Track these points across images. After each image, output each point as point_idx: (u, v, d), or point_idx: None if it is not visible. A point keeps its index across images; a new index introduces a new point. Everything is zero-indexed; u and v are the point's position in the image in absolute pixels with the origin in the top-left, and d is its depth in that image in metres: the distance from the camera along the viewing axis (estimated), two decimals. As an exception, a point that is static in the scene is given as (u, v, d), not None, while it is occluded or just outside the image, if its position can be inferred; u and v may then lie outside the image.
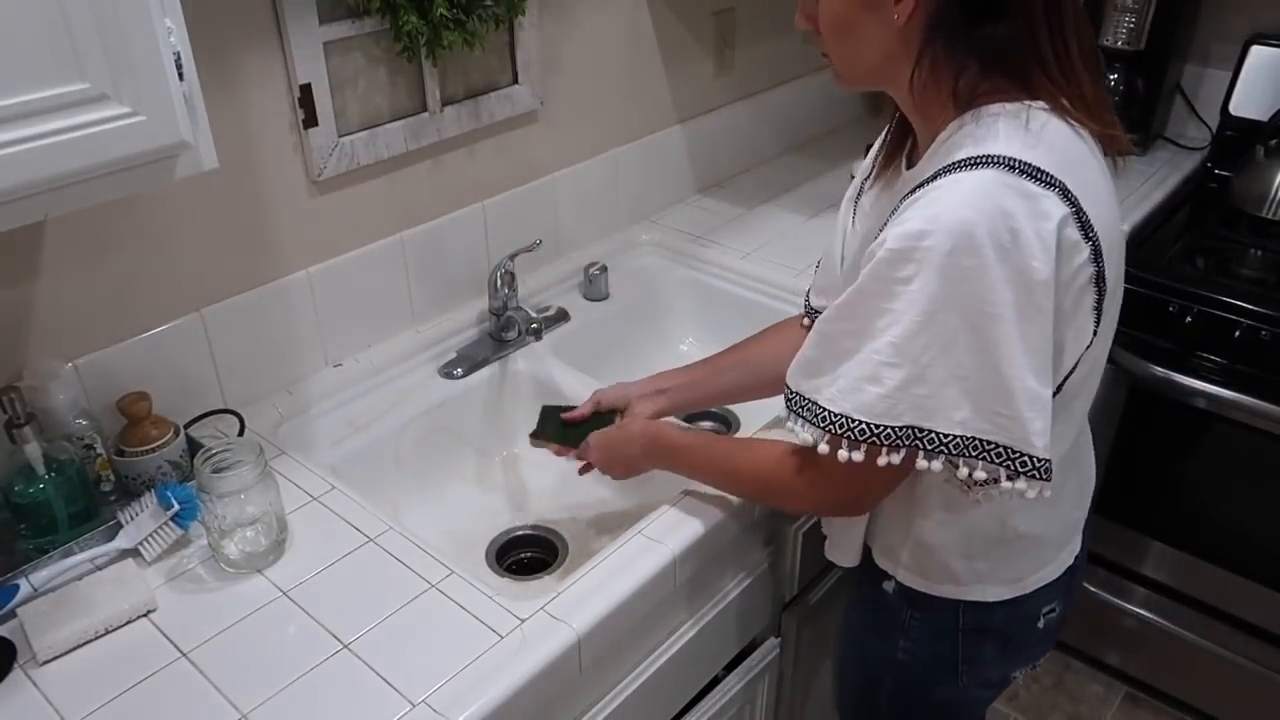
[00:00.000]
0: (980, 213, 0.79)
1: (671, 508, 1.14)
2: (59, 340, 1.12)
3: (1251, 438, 1.66)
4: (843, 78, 0.97)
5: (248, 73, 1.19)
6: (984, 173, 0.81)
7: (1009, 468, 0.86)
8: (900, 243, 0.82)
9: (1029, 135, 0.83)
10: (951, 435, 0.85)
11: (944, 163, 0.84)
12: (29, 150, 0.77)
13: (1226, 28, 1.99)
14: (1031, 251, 0.80)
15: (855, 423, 0.87)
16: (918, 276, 0.81)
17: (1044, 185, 0.81)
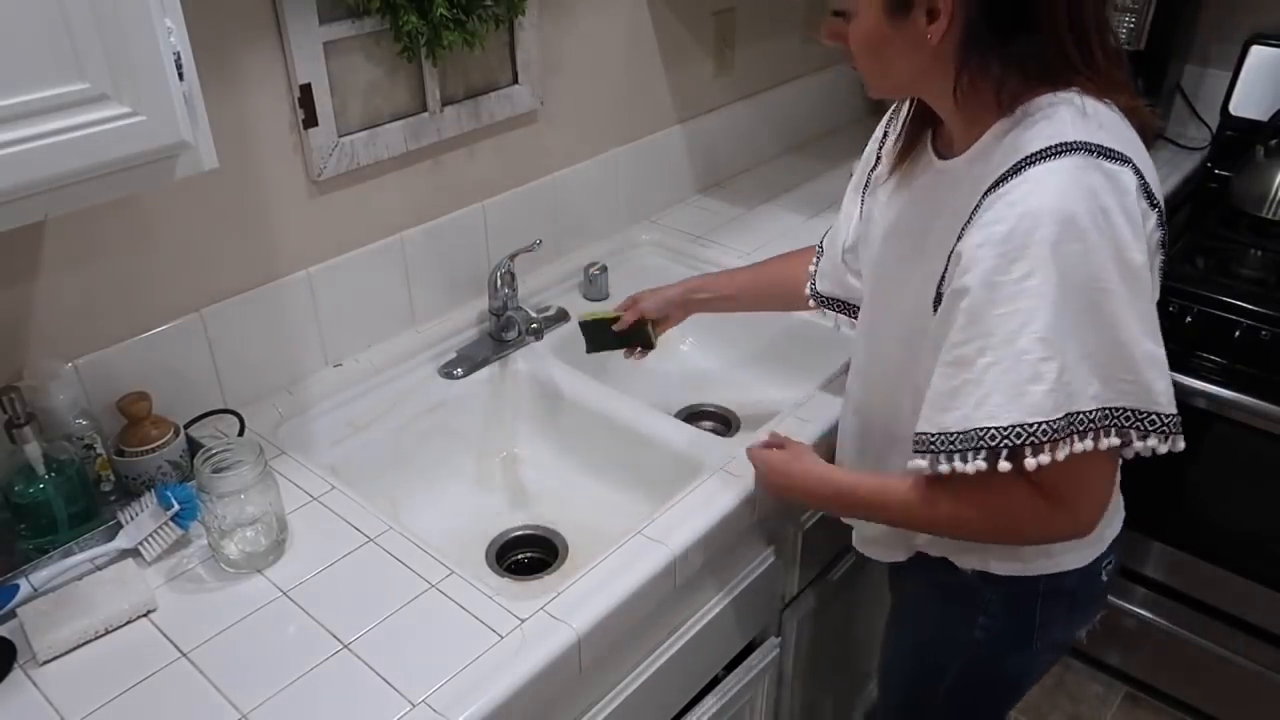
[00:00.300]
0: (1075, 198, 0.83)
1: (672, 508, 1.14)
2: (59, 340, 1.12)
3: (1251, 438, 1.66)
4: (874, 90, 1.01)
5: (248, 73, 1.19)
6: (1066, 160, 0.85)
7: (1139, 429, 0.91)
8: (1005, 245, 0.84)
9: (1089, 119, 0.87)
10: (1091, 411, 0.88)
11: (1015, 156, 0.87)
12: (29, 150, 0.77)
13: (1226, 28, 1.99)
14: (1122, 225, 0.85)
15: (1032, 427, 0.86)
16: (1036, 271, 0.83)
17: (1118, 162, 0.86)
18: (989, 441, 0.88)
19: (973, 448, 0.89)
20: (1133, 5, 1.92)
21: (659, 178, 1.85)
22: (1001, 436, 0.87)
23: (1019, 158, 0.87)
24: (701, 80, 1.87)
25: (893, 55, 0.93)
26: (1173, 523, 1.84)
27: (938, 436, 0.91)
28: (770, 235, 1.78)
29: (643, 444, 1.35)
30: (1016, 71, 0.89)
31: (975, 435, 0.88)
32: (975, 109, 0.93)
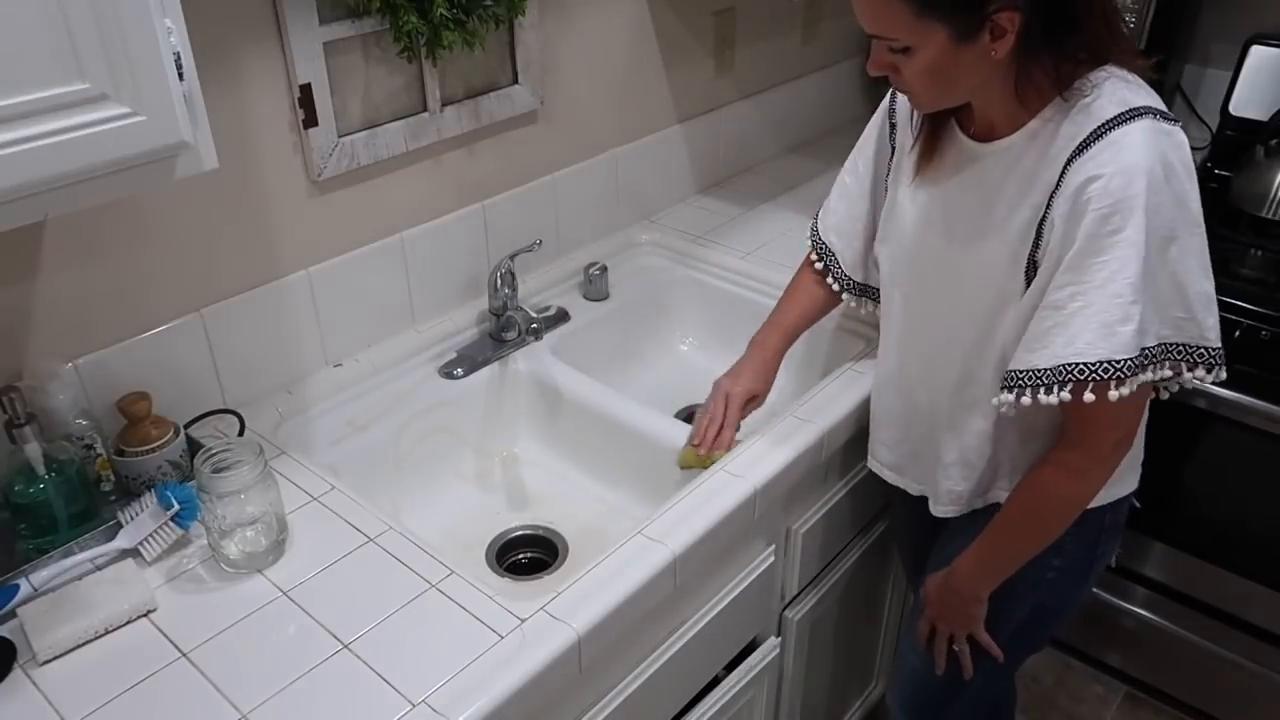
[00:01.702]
0: (1153, 156, 0.94)
1: (672, 508, 1.14)
2: (59, 340, 1.12)
3: (1251, 438, 1.66)
4: (928, 107, 1.07)
5: (248, 73, 1.19)
6: (1138, 123, 0.95)
7: (1188, 361, 1.04)
8: (1102, 201, 0.93)
9: (1137, 87, 0.98)
10: (1154, 346, 0.99)
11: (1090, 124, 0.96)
12: (29, 150, 0.77)
13: (1226, 28, 1.99)
14: (1185, 179, 0.97)
15: (1119, 363, 0.96)
16: (1129, 224, 0.93)
17: (1173, 122, 0.98)
18: (1077, 375, 0.97)
19: (1059, 381, 0.98)
20: (1133, 5, 1.92)
21: (659, 178, 1.85)
22: (1091, 371, 0.97)
23: (1094, 125, 0.95)
24: (701, 80, 1.87)
25: (957, 76, 0.98)
26: (1173, 523, 1.83)
27: (1026, 373, 1.01)
28: (770, 235, 1.78)
29: (643, 444, 1.35)
30: (1069, 61, 0.97)
31: (1064, 370, 0.98)
32: (1032, 100, 1.00)
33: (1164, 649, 1.94)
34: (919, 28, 0.93)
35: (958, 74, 0.97)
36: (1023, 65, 0.97)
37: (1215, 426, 1.69)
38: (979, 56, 0.95)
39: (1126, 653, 2.03)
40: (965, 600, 1.19)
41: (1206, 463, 1.74)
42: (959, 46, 0.94)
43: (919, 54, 0.95)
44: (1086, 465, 1.07)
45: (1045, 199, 1.00)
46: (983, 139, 1.07)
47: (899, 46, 0.96)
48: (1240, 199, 1.87)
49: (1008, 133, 1.03)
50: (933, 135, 1.11)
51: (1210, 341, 1.04)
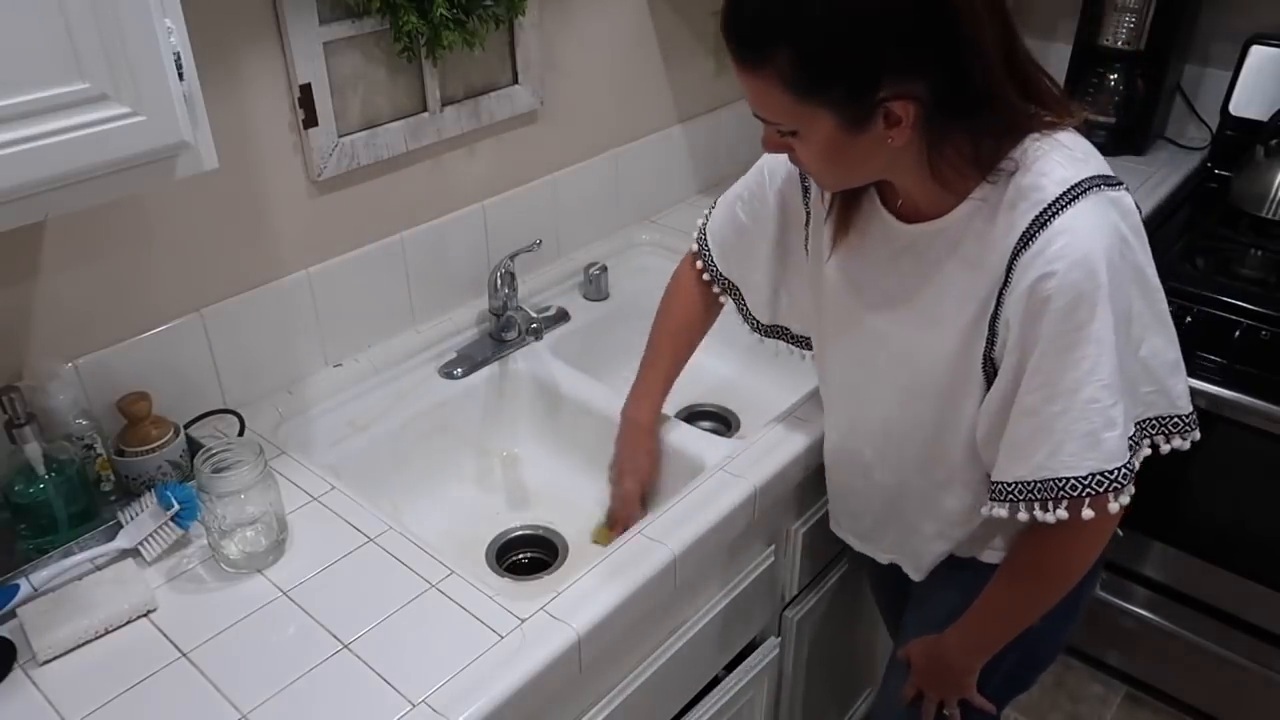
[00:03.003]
0: (1104, 238, 0.86)
1: (672, 508, 1.14)
2: (59, 340, 1.12)
3: (1251, 438, 1.66)
4: (831, 188, 1.01)
5: (248, 73, 1.19)
6: (1084, 202, 0.87)
7: (1164, 433, 1.00)
8: (1060, 299, 0.86)
9: (1073, 154, 0.90)
10: (1134, 433, 0.93)
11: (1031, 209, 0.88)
12: (29, 150, 0.77)
13: (1226, 28, 1.99)
14: (1138, 249, 0.91)
15: (1111, 473, 0.90)
16: (1094, 317, 0.86)
17: (1116, 186, 0.90)
18: (1069, 491, 0.90)
19: (1053, 497, 0.91)
20: (1133, 5, 1.92)
21: (659, 178, 1.85)
22: (1083, 486, 0.90)
23: (1037, 210, 0.87)
24: (701, 80, 1.87)
25: (854, 161, 0.90)
26: (1173, 523, 1.83)
27: (1014, 486, 0.94)
28: (770, 235, 1.78)
29: (643, 444, 1.35)
30: (986, 137, 0.89)
31: (1054, 485, 0.91)
32: (953, 180, 0.92)
33: (1164, 649, 1.94)
34: (802, 113, 0.86)
35: (854, 161, 0.90)
36: (933, 147, 0.88)
37: (1215, 426, 1.69)
38: (874, 144, 0.87)
39: (1126, 653, 2.03)
40: (957, 673, 1.13)
41: (1206, 463, 1.74)
42: (850, 134, 0.86)
43: (807, 140, 0.88)
44: (1087, 537, 0.99)
45: (994, 293, 0.91)
46: (910, 219, 0.98)
47: (785, 130, 0.90)
48: (1240, 199, 1.87)
49: (938, 210, 0.95)
50: (848, 207, 1.03)
51: (1181, 409, 1.00)
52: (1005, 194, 0.90)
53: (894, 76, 0.82)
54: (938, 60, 0.82)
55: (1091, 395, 0.87)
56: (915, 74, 0.82)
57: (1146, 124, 2.04)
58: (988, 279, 0.92)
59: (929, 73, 0.82)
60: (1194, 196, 1.98)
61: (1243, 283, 1.74)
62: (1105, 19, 1.96)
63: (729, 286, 1.26)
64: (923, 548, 1.16)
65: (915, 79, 0.82)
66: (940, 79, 0.83)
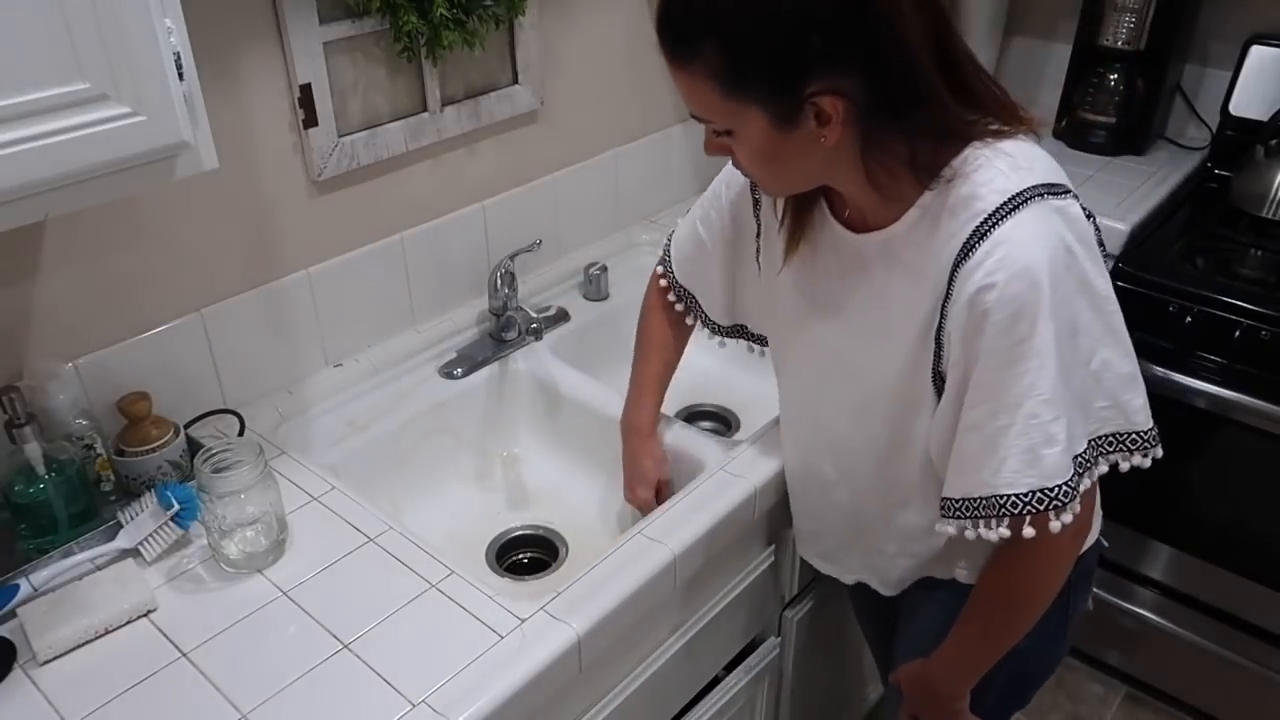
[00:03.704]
0: (1046, 248, 0.84)
1: (672, 508, 1.14)
2: (59, 340, 1.12)
3: (1251, 438, 1.66)
4: (773, 192, 0.99)
5: (248, 73, 1.19)
6: (1025, 212, 0.84)
7: (1123, 451, 0.94)
8: (999, 312, 0.84)
9: (1016, 162, 0.87)
10: (1085, 450, 0.90)
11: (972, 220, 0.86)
12: (29, 150, 0.77)
13: (1226, 28, 1.99)
14: (1085, 259, 0.87)
15: (1052, 491, 0.88)
16: (1035, 331, 0.83)
17: (1061, 195, 0.87)
18: (1010, 509, 0.89)
19: (995, 514, 0.90)
20: (1133, 5, 1.92)
21: (659, 178, 1.85)
22: (1023, 504, 0.88)
23: (978, 221, 0.85)
24: (701, 80, 1.87)
25: (789, 161, 0.89)
26: (1173, 523, 1.83)
27: (962, 502, 0.93)
28: (770, 235, 1.78)
29: (643, 444, 1.35)
30: (923, 142, 0.87)
31: (996, 502, 0.89)
32: (892, 187, 0.90)
33: (1164, 649, 1.94)
34: (732, 110, 0.85)
35: (789, 161, 0.89)
36: (868, 151, 0.87)
37: (1216, 426, 1.69)
38: (808, 143, 0.85)
39: (1126, 653, 2.03)
40: (944, 699, 1.11)
41: (1207, 463, 1.74)
42: (781, 132, 0.84)
43: (741, 138, 0.87)
44: (1054, 555, 0.97)
45: (938, 305, 0.90)
46: (858, 228, 0.97)
47: (719, 129, 0.89)
48: (1240, 199, 1.87)
49: (884, 220, 0.93)
50: (799, 218, 1.02)
51: (1139, 425, 0.94)
52: (946, 204, 0.88)
53: (821, 71, 0.81)
54: (865, 56, 0.81)
55: (1031, 411, 0.85)
56: (842, 70, 0.81)
57: (1146, 124, 2.03)
58: (931, 292, 0.90)
59: (857, 69, 0.81)
60: (1194, 196, 1.98)
61: (1243, 283, 1.74)
62: (1105, 19, 1.96)
63: (685, 295, 1.25)
64: (888, 564, 1.14)
65: (843, 75, 0.81)
66: (869, 77, 0.82)
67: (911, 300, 0.92)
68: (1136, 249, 1.78)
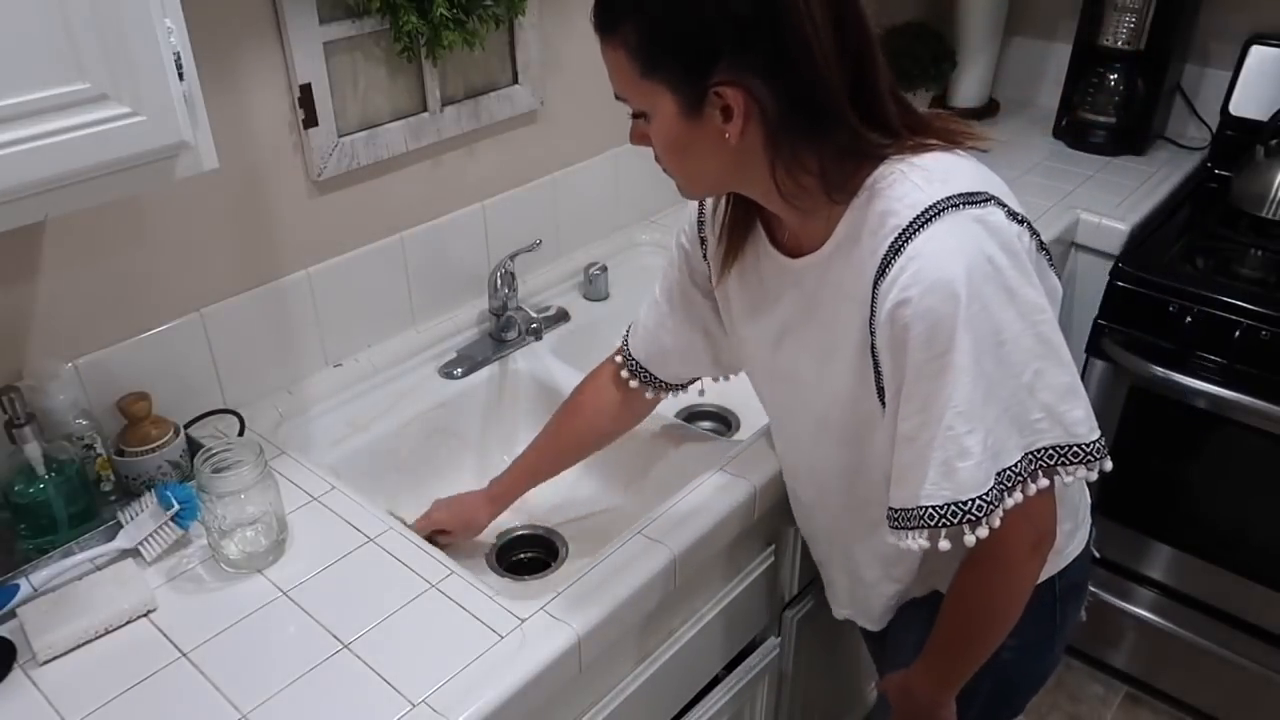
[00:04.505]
0: (962, 260, 0.83)
1: (672, 508, 1.14)
2: (59, 340, 1.12)
3: (1251, 438, 1.66)
4: (686, 191, 0.98)
5: (248, 73, 1.19)
6: (939, 224, 0.84)
7: (1064, 463, 0.91)
8: (917, 327, 0.84)
9: (931, 174, 0.86)
10: (1016, 463, 0.88)
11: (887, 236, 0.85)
12: (29, 150, 0.77)
13: (1226, 28, 1.99)
14: (1009, 268, 0.85)
15: (965, 504, 0.87)
16: (953, 343, 0.83)
17: (981, 203, 0.85)
18: (927, 520, 0.89)
19: (915, 526, 0.90)
20: (1133, 5, 1.92)
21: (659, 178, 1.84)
22: (939, 516, 0.88)
23: (892, 237, 0.85)
24: (701, 80, 1.87)
25: (698, 155, 0.89)
26: (1173, 523, 1.83)
27: (897, 513, 0.93)
28: (770, 235, 1.78)
29: (642, 444, 1.35)
30: (832, 159, 0.87)
31: (916, 514, 0.90)
32: (805, 202, 0.90)
33: (1164, 649, 1.94)
34: (646, 91, 0.86)
35: (697, 156, 0.89)
36: (777, 160, 0.86)
37: (1215, 426, 1.69)
38: (714, 139, 0.86)
39: (1126, 653, 2.03)
40: (928, 707, 1.10)
41: (1207, 463, 1.74)
42: (689, 120, 0.86)
43: (654, 122, 0.89)
44: (1008, 568, 0.96)
45: (867, 322, 0.90)
46: (795, 251, 0.98)
47: (636, 110, 0.90)
48: (1240, 199, 1.87)
49: (814, 245, 0.94)
50: (734, 240, 1.03)
51: (1079, 437, 0.91)
52: (866, 222, 0.88)
53: (730, 64, 0.82)
54: (773, 58, 0.81)
55: (948, 423, 0.85)
56: (750, 67, 0.82)
57: (1146, 124, 2.04)
58: (860, 310, 0.90)
59: (764, 70, 0.82)
60: (1194, 196, 1.98)
61: (1243, 283, 1.74)
62: (1105, 19, 1.96)
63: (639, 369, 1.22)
64: (870, 595, 1.14)
65: (750, 73, 0.82)
66: (776, 79, 0.82)
67: (846, 320, 0.93)
68: (1136, 249, 1.78)
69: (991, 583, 0.98)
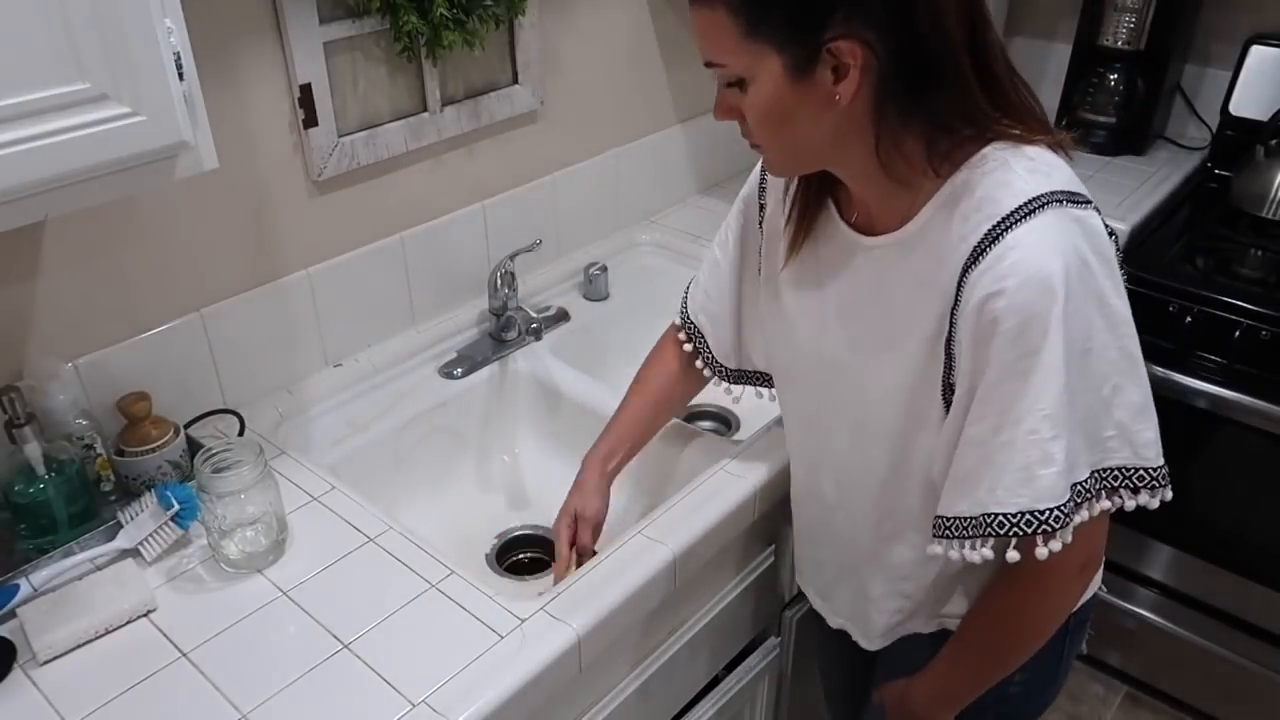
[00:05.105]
0: (1061, 258, 0.79)
1: (671, 508, 1.14)
2: (59, 340, 1.12)
3: (1251, 438, 1.66)
4: (779, 167, 0.94)
5: (248, 73, 1.19)
6: (1041, 217, 0.80)
7: (1129, 486, 0.87)
8: (1009, 320, 0.79)
9: (1037, 166, 0.83)
10: (1085, 479, 0.85)
11: (985, 222, 0.81)
12: (29, 150, 0.77)
13: (1226, 28, 1.99)
14: (1102, 275, 0.82)
15: (1042, 514, 0.83)
16: (1044, 343, 0.79)
17: (1083, 205, 0.82)
18: (997, 529, 0.84)
19: (981, 535, 0.86)
20: (1133, 5, 1.92)
21: (659, 178, 1.85)
22: (1011, 525, 0.84)
23: (990, 224, 0.81)
24: (701, 80, 1.85)
25: (800, 122, 0.83)
26: (1173, 523, 1.83)
27: (953, 521, 0.88)
28: (770, 235, 1.78)
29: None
30: (942, 128, 0.82)
31: (984, 521, 0.85)
32: (904, 174, 0.85)
33: (1164, 649, 1.94)
34: (750, 51, 0.80)
35: (801, 123, 0.83)
36: (883, 126, 0.82)
37: (1216, 426, 1.69)
38: (822, 102, 0.80)
39: (1126, 653, 2.03)
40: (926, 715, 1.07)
41: (1207, 463, 1.74)
42: (797, 82, 0.80)
43: (754, 89, 0.82)
44: (1050, 590, 0.92)
45: (947, 313, 0.85)
46: (865, 230, 0.93)
47: (733, 78, 0.83)
48: (1240, 199, 1.87)
49: (891, 223, 0.89)
50: (804, 218, 0.97)
51: (1147, 461, 0.87)
52: (958, 205, 0.83)
53: (846, 16, 0.77)
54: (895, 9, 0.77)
55: (1032, 426, 0.81)
56: (868, 19, 0.77)
57: (1146, 124, 2.04)
58: (939, 298, 0.85)
59: (883, 22, 0.77)
60: (1194, 196, 1.98)
61: (1243, 283, 1.74)
62: (1105, 19, 1.96)
63: (695, 334, 1.20)
64: (872, 609, 1.09)
65: (868, 26, 0.77)
66: (895, 33, 0.78)
67: (919, 307, 0.88)
68: (1136, 249, 1.78)
69: (1030, 601, 0.94)
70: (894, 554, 1.02)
